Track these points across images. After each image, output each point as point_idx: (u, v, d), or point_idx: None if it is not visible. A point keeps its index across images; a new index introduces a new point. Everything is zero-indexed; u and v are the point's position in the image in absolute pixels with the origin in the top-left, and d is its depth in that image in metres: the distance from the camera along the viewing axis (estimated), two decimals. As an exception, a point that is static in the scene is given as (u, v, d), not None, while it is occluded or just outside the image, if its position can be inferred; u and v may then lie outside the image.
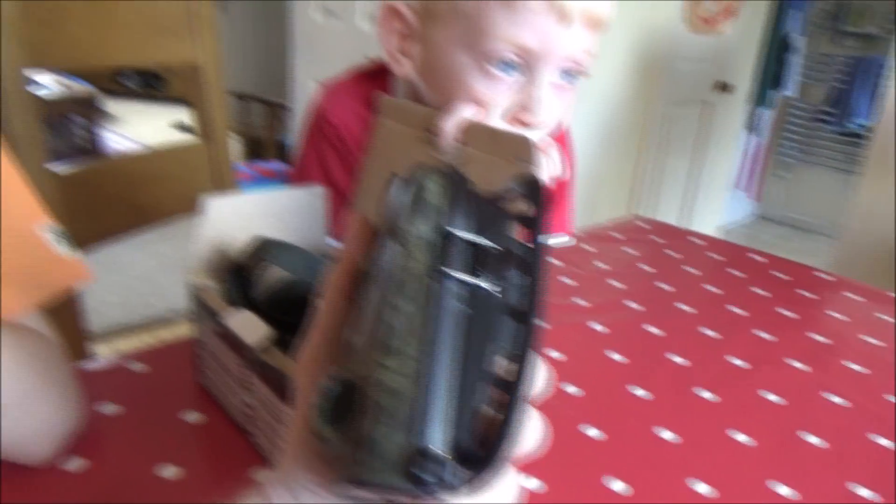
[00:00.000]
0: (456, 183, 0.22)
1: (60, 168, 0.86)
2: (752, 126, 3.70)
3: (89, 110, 3.50)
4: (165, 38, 1.01)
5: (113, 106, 4.87)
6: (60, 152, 3.10)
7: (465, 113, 0.54)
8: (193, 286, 0.52)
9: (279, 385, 0.45)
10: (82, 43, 0.90)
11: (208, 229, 0.51)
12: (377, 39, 0.62)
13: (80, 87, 3.50)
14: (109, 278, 2.17)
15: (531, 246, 0.22)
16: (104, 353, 0.65)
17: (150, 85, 4.93)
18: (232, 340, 0.49)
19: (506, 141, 0.50)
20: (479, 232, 0.21)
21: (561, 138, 0.69)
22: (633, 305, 0.83)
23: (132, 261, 2.29)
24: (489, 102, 0.58)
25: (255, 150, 3.41)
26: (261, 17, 4.76)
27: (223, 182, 1.12)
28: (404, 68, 0.62)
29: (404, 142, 0.56)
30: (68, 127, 3.24)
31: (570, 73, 0.60)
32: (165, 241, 2.66)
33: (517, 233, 0.23)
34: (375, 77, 0.67)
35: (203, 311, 0.52)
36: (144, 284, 2.22)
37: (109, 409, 0.53)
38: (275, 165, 2.86)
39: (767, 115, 3.84)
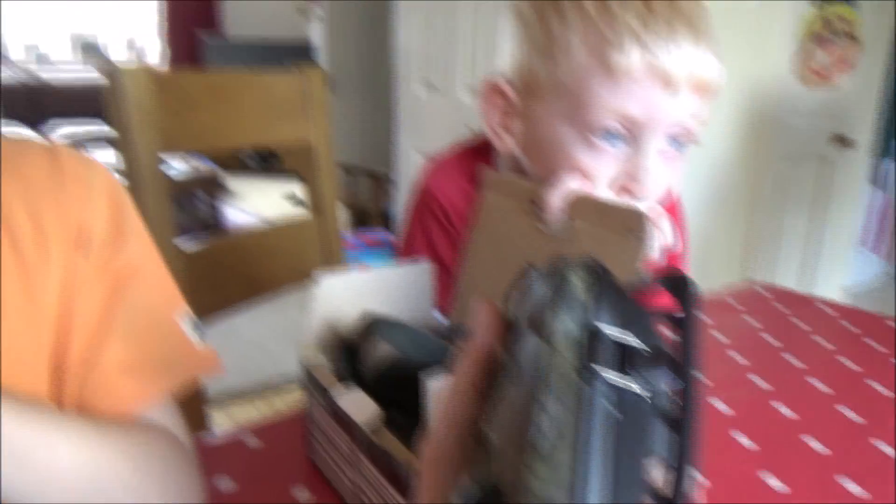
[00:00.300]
0: (600, 277, 0.21)
1: (186, 243, 0.92)
2: (877, 180, 3.46)
3: (212, 187, 3.78)
4: (282, 119, 1.08)
5: (233, 182, 5.25)
6: (185, 227, 3.35)
7: (571, 185, 0.53)
8: (305, 362, 0.53)
9: (388, 466, 0.44)
10: (209, 128, 0.97)
11: (320, 305, 0.52)
12: (478, 114, 0.63)
13: (204, 167, 3.80)
14: (224, 346, 2.28)
15: (682, 347, 0.20)
16: (221, 420, 0.66)
17: (266, 161, 5.29)
18: (342, 418, 0.49)
19: (615, 213, 0.49)
20: (626, 329, 0.20)
21: (672, 207, 0.67)
22: (760, 382, 0.77)
23: (246, 329, 2.40)
24: (594, 174, 0.56)
25: (362, 219, 3.55)
26: (367, 94, 5.04)
27: (332, 254, 1.16)
28: (507, 144, 0.62)
29: (510, 216, 0.56)
30: (193, 203, 3.51)
31: (679, 141, 0.58)
32: (278, 311, 2.78)
33: (664, 331, 0.21)
34: (479, 152, 0.67)
35: (314, 387, 0.53)
36: (258, 352, 2.32)
37: (225, 484, 0.54)
38: (380, 234, 2.95)
39: (893, 169, 3.58)
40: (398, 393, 0.47)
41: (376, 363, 0.51)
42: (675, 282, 0.22)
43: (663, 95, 0.53)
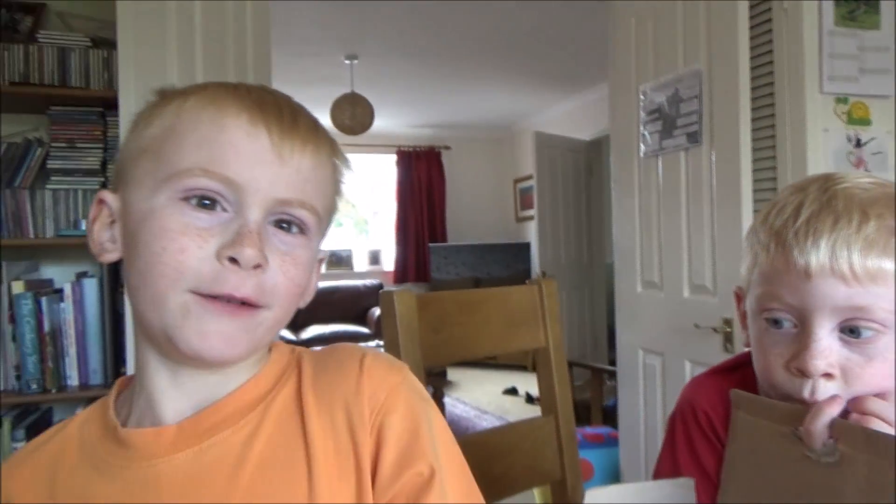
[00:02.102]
0: None
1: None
2: None
3: (439, 380, 4.01)
4: (520, 329, 1.18)
5: (454, 373, 5.51)
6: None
7: (832, 410, 0.54)
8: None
9: None
10: (460, 341, 1.10)
11: (586, 519, 0.57)
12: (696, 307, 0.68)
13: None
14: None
15: None
16: None
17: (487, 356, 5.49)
18: None
19: (887, 443, 0.49)
20: None
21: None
22: None
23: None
24: (772, 354, 0.60)
25: (581, 414, 3.50)
26: (581, 290, 5.18)
27: (567, 453, 1.19)
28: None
29: (769, 439, 0.58)
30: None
31: (854, 330, 0.57)
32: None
33: None
34: (736, 370, 0.70)
35: None
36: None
37: None
38: (602, 430, 2.88)
39: None
40: None
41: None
42: None
43: (807, 284, 0.57)
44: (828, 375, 0.57)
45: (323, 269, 0.62)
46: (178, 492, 0.49)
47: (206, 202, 0.49)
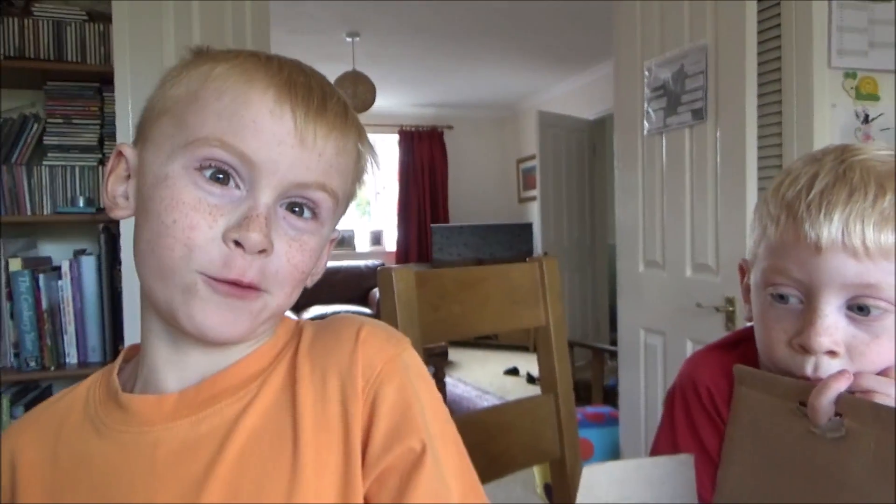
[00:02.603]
0: None
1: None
2: None
3: (440, 360, 4.02)
4: (521, 307, 1.17)
5: (455, 353, 5.53)
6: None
7: (840, 385, 0.52)
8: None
9: None
10: (459, 319, 1.09)
11: (584, 496, 0.55)
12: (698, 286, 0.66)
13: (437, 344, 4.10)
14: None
15: None
16: None
17: (488, 336, 5.53)
18: None
19: (891, 417, 0.47)
20: None
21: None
22: None
23: None
24: (775, 329, 0.58)
25: (582, 394, 3.51)
26: (583, 270, 5.17)
27: (567, 431, 1.18)
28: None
29: (772, 414, 0.56)
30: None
31: (862, 308, 0.55)
32: (502, 489, 2.77)
33: None
34: (737, 345, 0.69)
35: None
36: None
37: None
38: (602, 409, 2.89)
39: None
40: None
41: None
42: None
43: (818, 260, 0.55)
44: (832, 353, 0.56)
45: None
46: (171, 459, 0.49)
47: (220, 176, 0.49)
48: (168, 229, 0.48)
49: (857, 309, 0.55)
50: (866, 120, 1.83)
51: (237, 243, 0.48)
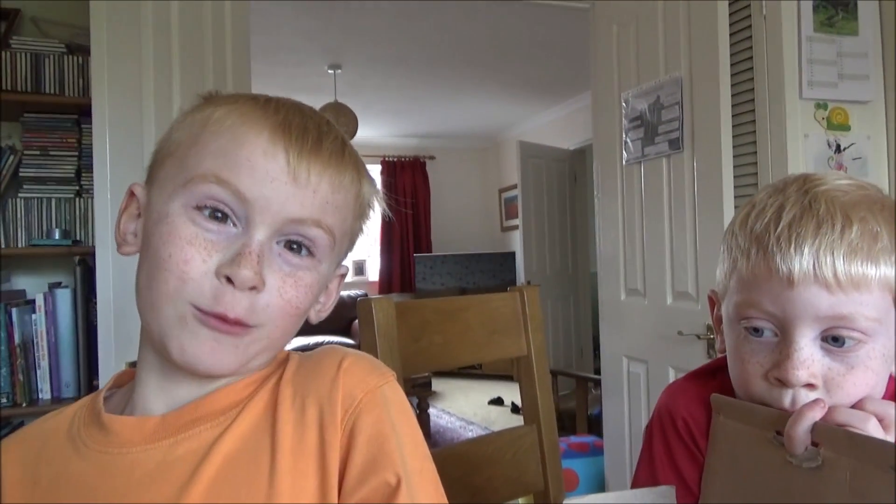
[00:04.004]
0: None
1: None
2: None
3: (423, 391, 3.98)
4: (502, 336, 1.17)
5: (439, 384, 5.48)
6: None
7: (815, 415, 0.52)
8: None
9: None
10: (440, 349, 1.08)
11: (564, 530, 0.54)
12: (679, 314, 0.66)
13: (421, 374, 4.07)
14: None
15: None
16: None
17: (473, 365, 5.50)
18: None
19: (871, 447, 0.47)
20: None
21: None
22: None
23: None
24: (751, 363, 0.58)
25: (567, 423, 3.48)
26: (567, 301, 5.18)
27: (550, 463, 1.17)
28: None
29: (750, 444, 0.56)
30: (406, 407, 3.72)
31: (836, 339, 0.55)
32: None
33: None
34: (714, 374, 0.69)
35: None
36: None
37: None
38: (587, 439, 2.86)
39: None
40: None
41: None
42: None
43: (791, 293, 0.55)
44: (809, 385, 0.55)
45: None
46: (146, 480, 0.50)
47: (219, 214, 0.51)
48: (164, 262, 0.50)
49: (832, 340, 0.55)
50: (838, 149, 1.87)
51: (228, 279, 0.49)
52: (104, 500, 0.50)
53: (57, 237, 1.92)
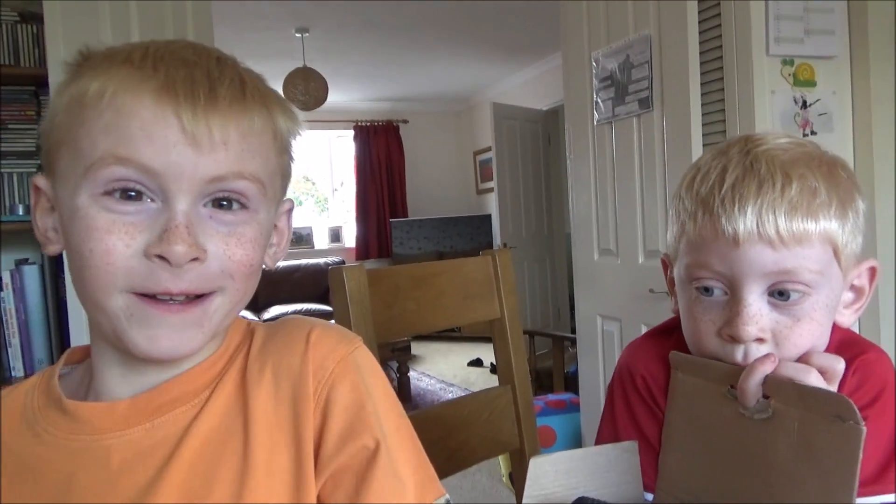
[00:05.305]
0: None
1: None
2: None
3: (403, 354, 4.02)
4: (475, 300, 1.17)
5: (418, 347, 5.53)
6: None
7: (766, 368, 0.54)
8: (520, 542, 0.56)
9: None
10: (413, 316, 1.09)
11: (531, 487, 0.56)
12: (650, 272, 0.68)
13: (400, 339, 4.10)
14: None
15: None
16: None
17: (451, 329, 5.55)
18: None
19: (817, 398, 0.49)
20: None
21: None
22: None
23: None
24: (703, 321, 0.60)
25: (544, 382, 3.55)
26: (541, 260, 5.22)
27: (525, 422, 1.19)
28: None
29: (706, 398, 0.58)
30: (386, 373, 3.77)
31: (782, 293, 0.57)
32: (467, 479, 2.79)
33: None
34: (672, 332, 0.71)
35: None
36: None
37: None
38: (563, 396, 2.93)
39: None
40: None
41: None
42: None
43: (736, 252, 0.57)
44: (760, 340, 0.58)
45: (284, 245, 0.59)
46: (126, 466, 0.49)
47: (131, 193, 0.47)
48: (87, 260, 0.47)
49: (778, 294, 0.58)
50: (804, 105, 1.89)
51: (161, 257, 0.46)
52: (85, 488, 0.49)
53: (21, 213, 1.87)
